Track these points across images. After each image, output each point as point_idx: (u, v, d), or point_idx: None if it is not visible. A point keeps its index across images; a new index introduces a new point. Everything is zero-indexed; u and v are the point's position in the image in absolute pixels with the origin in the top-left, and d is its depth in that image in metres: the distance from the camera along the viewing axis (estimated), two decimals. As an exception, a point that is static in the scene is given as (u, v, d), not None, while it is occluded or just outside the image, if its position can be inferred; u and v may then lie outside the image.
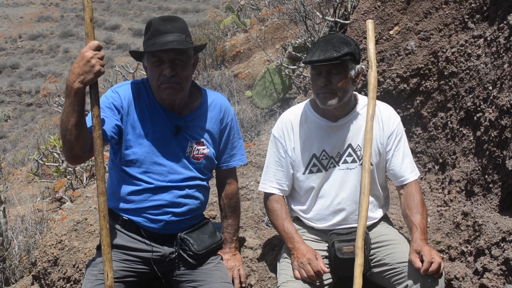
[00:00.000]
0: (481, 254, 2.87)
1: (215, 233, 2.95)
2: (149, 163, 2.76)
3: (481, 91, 3.26)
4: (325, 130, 2.85)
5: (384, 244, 2.81)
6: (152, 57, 2.67)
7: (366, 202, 2.68)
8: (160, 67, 2.65)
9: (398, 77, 3.92)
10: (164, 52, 2.63)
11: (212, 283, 2.77)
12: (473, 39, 3.50)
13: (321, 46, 2.68)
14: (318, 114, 2.87)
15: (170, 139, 2.79)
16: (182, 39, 2.67)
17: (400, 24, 3.94)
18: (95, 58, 2.36)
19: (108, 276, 2.42)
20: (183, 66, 2.69)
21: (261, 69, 7.67)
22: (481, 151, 3.19)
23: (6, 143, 22.40)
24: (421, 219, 2.71)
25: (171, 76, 2.64)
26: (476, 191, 3.17)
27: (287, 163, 2.91)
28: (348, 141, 2.84)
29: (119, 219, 2.82)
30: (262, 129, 5.99)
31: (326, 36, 2.77)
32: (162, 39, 2.63)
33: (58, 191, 7.11)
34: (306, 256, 2.70)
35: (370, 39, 2.90)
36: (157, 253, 2.79)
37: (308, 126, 2.88)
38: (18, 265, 4.74)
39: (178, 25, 2.71)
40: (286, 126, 2.92)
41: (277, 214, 2.91)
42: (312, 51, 2.70)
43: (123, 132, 2.73)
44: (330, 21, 5.69)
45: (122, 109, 2.71)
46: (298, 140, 2.88)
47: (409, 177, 2.85)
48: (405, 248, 2.74)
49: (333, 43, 2.67)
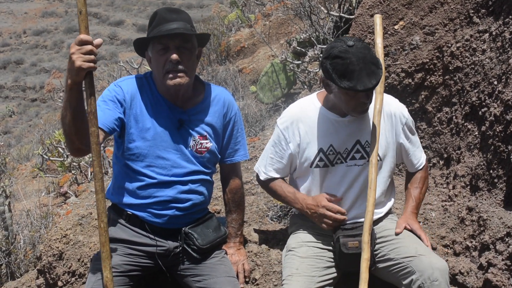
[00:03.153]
0: (485, 249, 2.88)
1: (220, 227, 2.95)
2: (152, 157, 2.76)
3: (486, 86, 3.26)
4: (333, 125, 2.83)
5: (388, 239, 2.81)
6: (158, 44, 2.66)
7: (373, 197, 2.68)
8: (165, 55, 2.65)
9: (403, 72, 3.91)
10: (170, 39, 2.63)
11: (216, 277, 2.78)
12: (478, 34, 3.49)
13: (362, 68, 2.52)
14: (326, 109, 2.86)
15: (173, 133, 2.79)
16: (187, 27, 2.67)
17: (405, 19, 3.92)
18: (77, 54, 2.25)
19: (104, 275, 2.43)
20: (189, 55, 2.69)
21: (265, 64, 7.66)
22: (486, 146, 3.19)
23: (11, 139, 22.44)
24: (419, 193, 2.96)
25: (177, 63, 2.64)
26: (481, 186, 3.17)
27: (287, 155, 2.91)
28: (357, 137, 2.83)
29: (123, 213, 2.82)
30: (267, 124, 5.99)
31: (353, 52, 2.55)
32: (168, 26, 2.63)
33: (63, 186, 7.13)
34: (320, 203, 2.82)
35: (378, 34, 2.88)
36: (162, 248, 2.80)
37: (316, 120, 2.87)
38: (23, 259, 4.75)
39: (183, 16, 2.71)
40: (292, 119, 2.90)
41: (275, 187, 3.01)
42: (352, 76, 2.53)
43: (126, 125, 2.73)
44: (335, 16, 5.67)
45: (125, 103, 2.71)
46: (305, 133, 2.87)
47: (423, 162, 3.00)
48: (409, 243, 2.74)
49: (368, 58, 2.55)
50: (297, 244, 2.88)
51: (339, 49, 2.56)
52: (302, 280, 2.67)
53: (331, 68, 2.58)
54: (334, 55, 2.57)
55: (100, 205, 2.37)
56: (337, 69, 2.55)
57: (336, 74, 2.56)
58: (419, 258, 2.59)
